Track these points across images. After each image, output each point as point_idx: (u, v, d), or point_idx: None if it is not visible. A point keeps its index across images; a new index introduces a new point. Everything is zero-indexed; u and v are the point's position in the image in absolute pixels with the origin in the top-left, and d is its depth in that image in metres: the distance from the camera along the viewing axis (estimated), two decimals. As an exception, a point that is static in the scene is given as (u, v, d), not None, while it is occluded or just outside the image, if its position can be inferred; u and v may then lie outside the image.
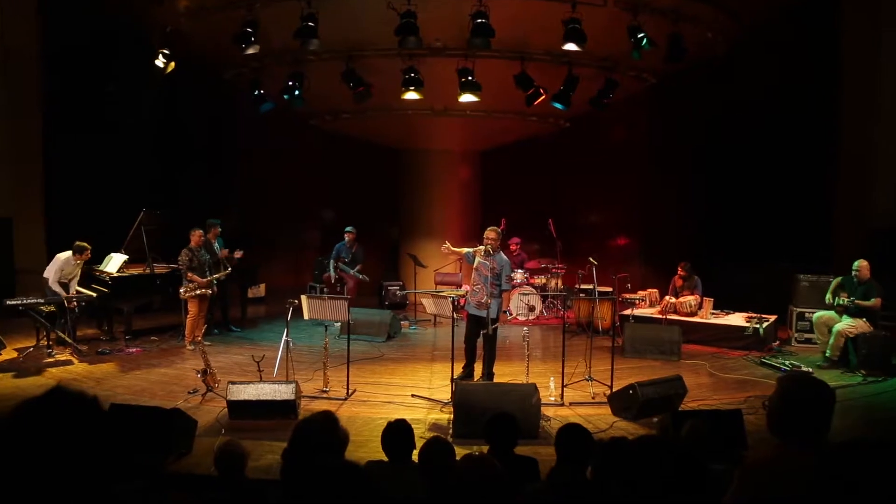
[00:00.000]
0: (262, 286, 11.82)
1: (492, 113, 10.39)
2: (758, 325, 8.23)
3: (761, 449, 3.53)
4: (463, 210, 12.15)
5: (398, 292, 11.40)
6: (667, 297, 9.02)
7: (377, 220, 12.78)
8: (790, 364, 7.37)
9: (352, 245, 10.12)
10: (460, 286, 10.15)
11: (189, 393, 6.16)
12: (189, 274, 7.97)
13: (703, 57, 9.02)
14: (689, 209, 11.04)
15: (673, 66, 8.77)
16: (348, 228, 10.11)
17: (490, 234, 6.60)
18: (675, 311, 8.84)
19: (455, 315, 6.39)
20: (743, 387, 6.70)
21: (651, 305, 9.40)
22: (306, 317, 6.50)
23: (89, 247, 8.02)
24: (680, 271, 8.99)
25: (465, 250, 6.92)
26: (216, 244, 8.84)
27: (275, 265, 12.74)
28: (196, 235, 8.16)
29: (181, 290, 7.95)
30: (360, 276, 10.06)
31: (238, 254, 8.77)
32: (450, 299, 6.34)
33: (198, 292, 7.95)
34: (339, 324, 8.53)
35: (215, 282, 8.25)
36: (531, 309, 8.95)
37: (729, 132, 10.36)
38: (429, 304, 6.68)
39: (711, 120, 10.56)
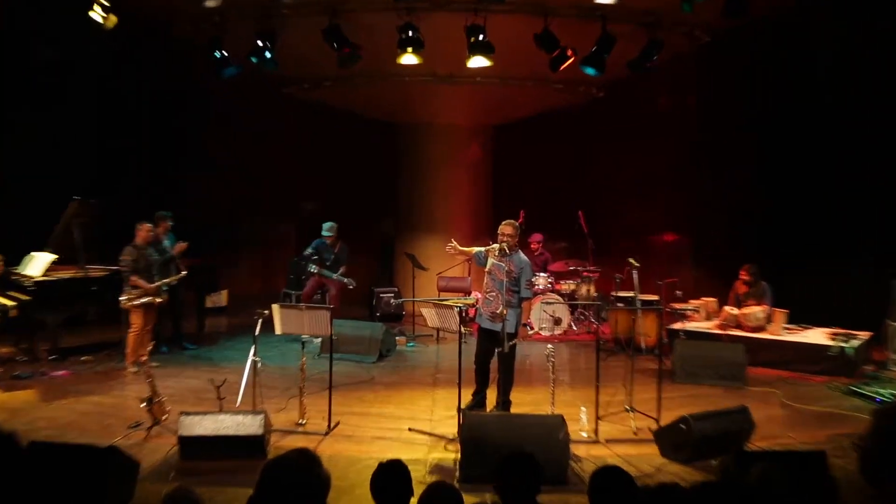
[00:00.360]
0: (224, 293, 11.84)
1: (507, 80, 10.40)
2: (845, 344, 8.19)
3: (852, 500, 3.50)
4: (472, 199, 12.16)
5: (393, 301, 11.40)
6: (727, 308, 8.99)
7: (367, 212, 12.79)
8: (889, 394, 7.29)
9: (334, 243, 10.08)
10: (469, 293, 10.14)
11: (130, 427, 6.13)
12: (133, 277, 7.95)
13: (770, 9, 8.93)
14: (755, 199, 10.96)
15: (732, 22, 8.70)
16: (326, 231, 10.01)
17: (506, 229, 6.62)
18: (739, 326, 8.82)
19: (463, 329, 6.37)
20: (826, 422, 6.64)
21: (707, 318, 9.39)
22: (279, 331, 6.49)
23: (2, 257, 7.99)
24: (743, 276, 8.96)
25: (475, 249, 6.93)
26: (167, 241, 8.83)
27: (240, 267, 12.74)
28: (143, 230, 8.17)
29: (122, 298, 7.93)
30: (345, 281, 10.04)
31: (180, 246, 8.69)
32: (456, 310, 6.31)
33: (143, 300, 7.93)
34: (319, 340, 8.52)
35: (165, 287, 8.24)
36: (557, 322, 8.96)
37: (801, 103, 10.25)
38: (430, 316, 6.65)
39: (779, 87, 10.47)
